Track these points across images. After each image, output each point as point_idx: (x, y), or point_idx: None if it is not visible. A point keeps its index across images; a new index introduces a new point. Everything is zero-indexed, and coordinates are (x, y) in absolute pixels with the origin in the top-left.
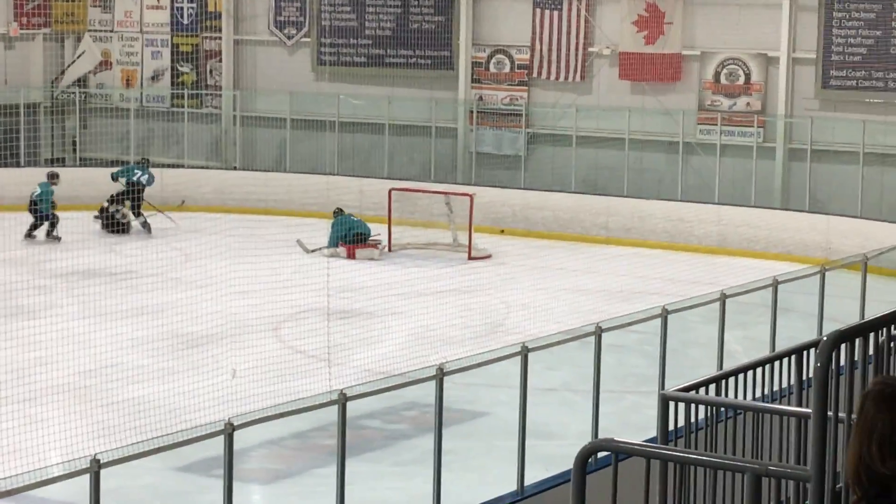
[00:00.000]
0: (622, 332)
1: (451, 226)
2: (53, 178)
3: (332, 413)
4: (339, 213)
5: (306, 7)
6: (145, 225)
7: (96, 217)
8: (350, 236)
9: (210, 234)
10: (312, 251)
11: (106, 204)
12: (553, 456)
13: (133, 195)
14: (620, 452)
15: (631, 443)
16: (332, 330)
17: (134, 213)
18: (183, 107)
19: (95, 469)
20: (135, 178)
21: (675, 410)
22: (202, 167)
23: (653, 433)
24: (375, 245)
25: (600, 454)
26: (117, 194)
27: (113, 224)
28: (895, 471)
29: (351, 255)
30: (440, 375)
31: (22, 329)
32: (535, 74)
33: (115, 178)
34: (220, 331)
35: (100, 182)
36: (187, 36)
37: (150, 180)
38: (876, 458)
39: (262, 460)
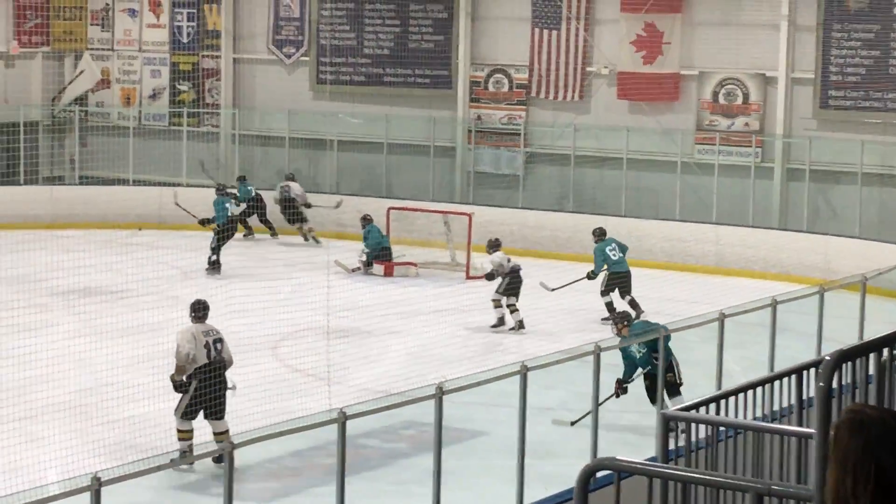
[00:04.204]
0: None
1: (448, 245)
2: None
3: (331, 432)
4: (368, 220)
5: (305, 26)
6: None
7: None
8: (378, 251)
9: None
10: (353, 270)
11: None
12: (551, 475)
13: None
14: (623, 471)
15: (633, 462)
16: (331, 349)
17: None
18: (182, 125)
19: (96, 487)
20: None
21: (676, 430)
22: (200, 186)
23: (651, 453)
24: (413, 263)
25: (601, 473)
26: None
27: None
28: None
29: (388, 273)
30: (440, 394)
31: (21, 347)
32: (533, 94)
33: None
34: None
35: (98, 201)
36: (186, 54)
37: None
38: (850, 489)
39: (261, 479)
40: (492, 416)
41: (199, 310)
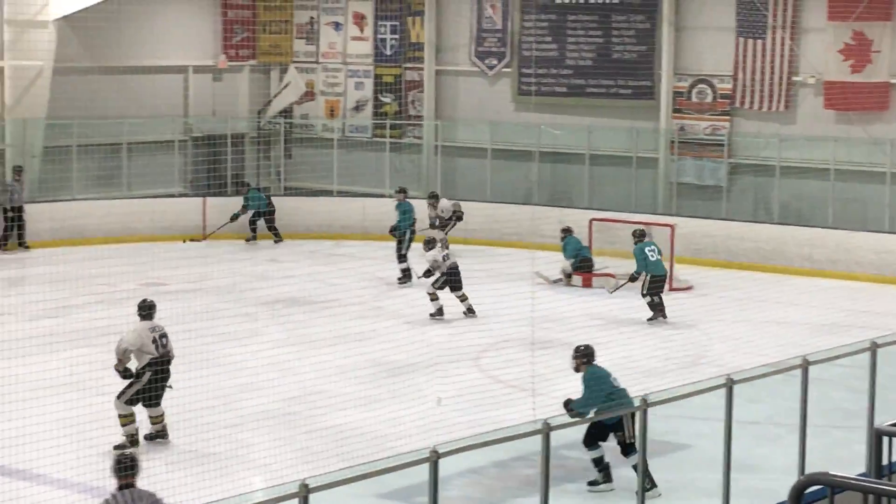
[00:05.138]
0: (827, 365)
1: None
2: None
3: (534, 443)
4: (568, 231)
5: (508, 37)
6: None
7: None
8: (577, 262)
9: (413, 262)
10: (554, 281)
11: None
12: (756, 490)
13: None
14: (836, 486)
15: (847, 477)
16: (535, 360)
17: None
18: (384, 137)
19: (304, 494)
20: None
21: (889, 446)
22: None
23: (859, 468)
24: (611, 275)
25: (811, 488)
26: None
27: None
28: None
29: (587, 284)
30: (644, 407)
31: (229, 356)
32: (737, 104)
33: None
34: (422, 360)
35: (303, 211)
36: (390, 66)
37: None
38: None
39: (464, 488)
40: (695, 430)
41: (146, 308)
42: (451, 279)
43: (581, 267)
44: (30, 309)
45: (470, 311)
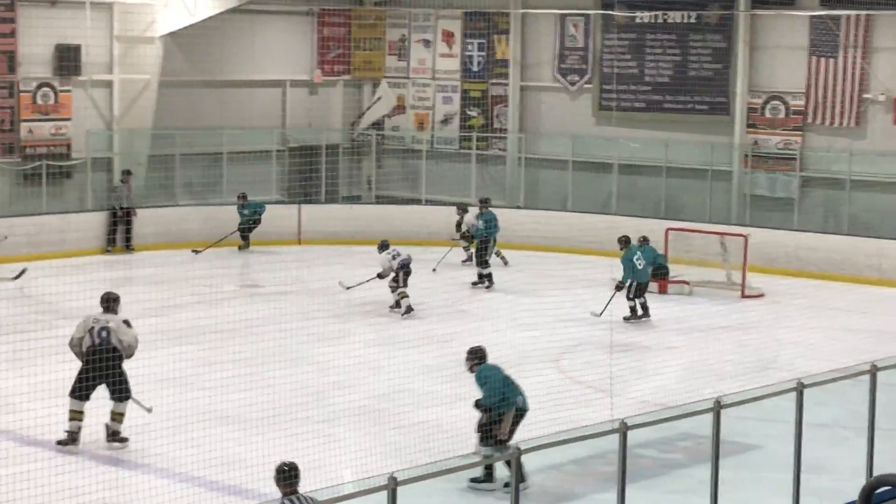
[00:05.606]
0: (894, 371)
1: (725, 265)
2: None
3: (610, 441)
4: (645, 240)
5: (589, 55)
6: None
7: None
8: (653, 269)
9: (495, 269)
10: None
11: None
12: (824, 490)
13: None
14: None
15: None
16: (612, 362)
17: None
18: (471, 149)
19: (392, 486)
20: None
21: None
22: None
23: None
24: (686, 282)
25: (880, 489)
26: None
27: None
28: None
29: (663, 290)
30: (717, 408)
31: (322, 355)
32: (809, 120)
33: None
34: (504, 361)
35: (393, 219)
36: (476, 82)
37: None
38: None
39: (543, 484)
40: (766, 431)
41: (104, 300)
42: (406, 275)
43: (657, 274)
44: (135, 308)
45: (397, 306)
